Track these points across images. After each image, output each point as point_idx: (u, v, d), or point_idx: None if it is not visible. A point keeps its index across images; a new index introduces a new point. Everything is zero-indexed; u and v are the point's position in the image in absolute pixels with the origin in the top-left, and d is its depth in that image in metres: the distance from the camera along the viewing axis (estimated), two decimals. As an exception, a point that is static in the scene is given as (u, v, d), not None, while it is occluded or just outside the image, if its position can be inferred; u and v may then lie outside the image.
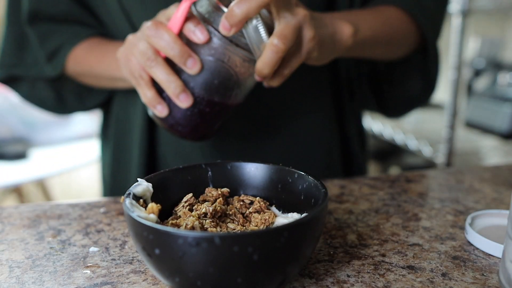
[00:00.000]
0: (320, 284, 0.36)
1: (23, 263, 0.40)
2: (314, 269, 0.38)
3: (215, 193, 0.42)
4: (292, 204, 0.40)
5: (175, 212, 0.40)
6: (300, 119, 0.65)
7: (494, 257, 0.40)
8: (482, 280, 0.36)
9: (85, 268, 0.39)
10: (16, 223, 0.48)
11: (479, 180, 0.61)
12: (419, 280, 0.36)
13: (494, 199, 0.54)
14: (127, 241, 0.44)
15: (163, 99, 0.47)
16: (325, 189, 0.36)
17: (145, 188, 0.38)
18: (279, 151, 0.64)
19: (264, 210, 0.40)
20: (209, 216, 0.38)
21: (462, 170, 0.67)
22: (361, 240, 0.43)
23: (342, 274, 0.37)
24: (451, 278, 0.36)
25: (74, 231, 0.46)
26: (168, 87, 0.45)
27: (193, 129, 0.49)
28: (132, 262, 0.40)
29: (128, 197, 0.35)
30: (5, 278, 0.37)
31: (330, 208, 0.51)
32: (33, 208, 0.52)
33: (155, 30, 0.44)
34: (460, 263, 0.39)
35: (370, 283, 0.36)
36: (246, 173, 0.43)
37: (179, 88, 0.45)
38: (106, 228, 0.47)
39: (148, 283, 0.36)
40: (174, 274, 0.30)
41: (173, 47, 0.43)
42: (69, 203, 0.54)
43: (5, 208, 0.53)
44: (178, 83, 0.45)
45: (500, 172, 0.65)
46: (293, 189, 0.40)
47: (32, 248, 0.42)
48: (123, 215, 0.50)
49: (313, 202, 0.38)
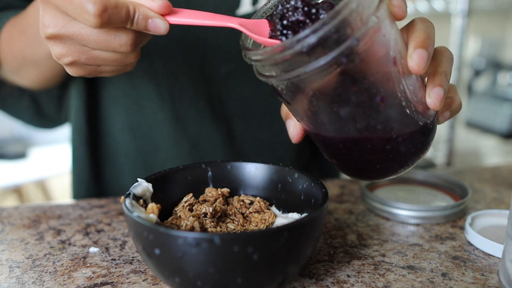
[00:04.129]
0: (320, 284, 0.36)
1: (23, 263, 0.40)
2: (314, 269, 0.38)
3: (215, 193, 0.42)
4: (292, 204, 0.40)
5: (175, 212, 0.40)
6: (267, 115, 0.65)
7: (494, 257, 0.40)
8: (482, 280, 0.36)
9: (85, 268, 0.39)
10: (16, 223, 0.48)
11: (479, 180, 0.61)
12: (419, 280, 0.36)
13: (494, 199, 0.54)
14: (127, 241, 0.44)
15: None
16: (325, 189, 0.36)
17: (145, 188, 0.38)
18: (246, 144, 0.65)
19: (264, 210, 0.40)
20: (209, 216, 0.38)
21: (462, 170, 0.67)
22: (361, 240, 0.43)
23: (342, 274, 0.37)
24: (451, 278, 0.36)
25: (74, 231, 0.46)
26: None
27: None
28: (132, 262, 0.40)
29: (128, 197, 0.35)
30: (5, 278, 0.37)
31: (330, 208, 0.51)
32: (33, 208, 0.52)
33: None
34: (460, 263, 0.39)
35: (370, 283, 0.36)
36: (246, 173, 0.43)
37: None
38: (106, 228, 0.47)
39: (148, 283, 0.36)
40: (174, 274, 0.30)
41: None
42: (69, 203, 0.54)
43: (5, 208, 0.53)
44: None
45: (500, 172, 0.65)
46: (293, 189, 0.40)
47: (32, 248, 0.42)
48: (123, 215, 0.50)
49: (313, 202, 0.38)
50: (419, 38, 0.36)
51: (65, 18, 0.36)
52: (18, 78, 0.58)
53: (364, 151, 0.38)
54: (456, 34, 1.40)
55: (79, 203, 0.54)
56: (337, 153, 0.40)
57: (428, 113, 0.39)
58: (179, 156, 0.62)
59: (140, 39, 0.38)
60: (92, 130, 0.63)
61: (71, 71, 0.41)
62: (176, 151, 0.62)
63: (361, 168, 0.41)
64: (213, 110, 0.62)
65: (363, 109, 0.36)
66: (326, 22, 0.30)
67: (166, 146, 0.62)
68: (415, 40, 0.36)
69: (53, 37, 0.37)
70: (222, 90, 0.62)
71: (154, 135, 0.62)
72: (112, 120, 0.63)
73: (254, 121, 0.65)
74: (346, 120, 0.37)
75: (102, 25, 0.34)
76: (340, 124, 0.37)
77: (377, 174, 0.41)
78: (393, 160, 0.40)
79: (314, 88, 0.35)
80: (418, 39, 0.36)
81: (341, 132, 0.38)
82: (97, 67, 0.40)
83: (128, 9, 0.35)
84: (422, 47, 0.35)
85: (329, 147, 0.40)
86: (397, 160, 0.40)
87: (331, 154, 0.41)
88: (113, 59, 0.39)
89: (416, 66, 0.34)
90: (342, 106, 0.36)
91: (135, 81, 0.60)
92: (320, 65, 0.31)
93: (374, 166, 0.40)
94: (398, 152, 0.39)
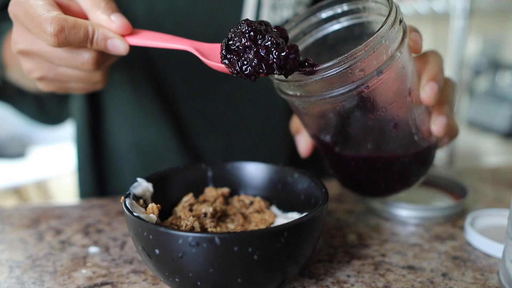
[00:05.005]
0: (320, 284, 0.36)
1: (23, 263, 0.40)
2: (314, 269, 0.38)
3: (215, 193, 0.42)
4: (292, 204, 0.40)
5: (175, 212, 0.40)
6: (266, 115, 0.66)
7: (494, 257, 0.40)
8: (482, 280, 0.36)
9: (85, 268, 0.39)
10: (16, 223, 0.48)
11: (479, 180, 0.61)
12: (419, 280, 0.36)
13: (494, 199, 0.54)
14: (127, 241, 0.44)
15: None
16: (325, 189, 0.36)
17: (145, 188, 0.38)
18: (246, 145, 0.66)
19: (264, 210, 0.40)
20: (209, 216, 0.37)
21: (462, 170, 0.67)
22: (361, 240, 0.43)
23: (342, 274, 0.37)
24: (451, 278, 0.36)
25: (74, 231, 0.46)
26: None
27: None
28: (132, 262, 0.40)
29: (128, 197, 0.35)
30: (5, 278, 0.37)
31: (330, 208, 0.51)
32: (33, 208, 0.52)
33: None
34: (460, 263, 0.39)
35: (370, 283, 0.36)
36: (246, 173, 0.43)
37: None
38: (106, 228, 0.47)
39: (148, 283, 0.36)
40: (174, 274, 0.30)
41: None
42: (69, 203, 0.54)
43: (5, 208, 0.53)
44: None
45: (500, 172, 0.65)
46: (293, 189, 0.40)
47: (32, 248, 0.42)
48: (123, 215, 0.50)
49: (313, 202, 0.38)
50: (432, 71, 0.39)
51: (32, 35, 0.37)
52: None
53: (373, 170, 0.41)
54: (456, 34, 1.40)
55: (79, 203, 0.54)
56: (346, 170, 0.43)
57: (430, 139, 0.42)
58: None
59: (104, 58, 0.39)
60: (95, 147, 0.65)
61: (41, 86, 0.42)
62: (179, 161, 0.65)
63: (366, 186, 0.44)
64: (212, 124, 0.64)
65: (377, 133, 0.38)
66: (355, 52, 0.32)
67: (170, 159, 0.64)
68: (428, 73, 0.38)
69: (22, 52, 0.39)
70: (222, 106, 0.64)
71: (159, 149, 0.64)
72: (116, 136, 0.64)
73: (252, 134, 0.66)
74: (360, 141, 0.40)
75: (59, 45, 0.35)
76: (353, 144, 0.40)
77: (380, 192, 0.45)
78: (397, 180, 0.43)
79: (334, 110, 0.37)
80: (432, 72, 0.39)
81: (354, 151, 0.41)
82: (66, 83, 0.42)
83: (87, 30, 0.36)
84: (435, 80, 0.38)
85: (339, 164, 0.43)
86: (400, 180, 0.43)
87: (340, 170, 0.44)
88: (78, 77, 0.40)
89: (428, 98, 0.38)
90: (358, 129, 0.38)
91: (140, 98, 0.62)
92: (345, 91, 0.34)
93: (379, 184, 0.43)
94: (403, 173, 0.42)
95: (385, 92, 0.36)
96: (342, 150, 0.41)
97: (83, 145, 0.64)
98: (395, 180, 0.43)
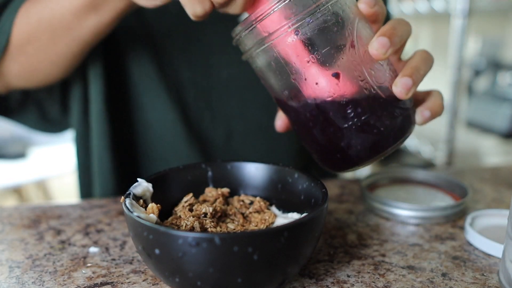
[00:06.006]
0: (320, 284, 0.36)
1: (23, 263, 0.40)
2: (314, 269, 0.38)
3: (215, 193, 0.42)
4: (292, 204, 0.40)
5: (175, 212, 0.40)
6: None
7: (494, 257, 0.40)
8: (482, 280, 0.36)
9: (85, 268, 0.39)
10: (16, 223, 0.48)
11: (479, 180, 0.61)
12: (419, 280, 0.36)
13: (494, 199, 0.54)
14: (127, 241, 0.44)
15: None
16: (325, 189, 0.36)
17: (145, 188, 0.38)
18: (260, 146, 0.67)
19: (264, 210, 0.40)
20: (209, 216, 0.37)
21: (462, 170, 0.67)
22: (361, 240, 0.43)
23: (342, 274, 0.37)
24: (451, 278, 0.36)
25: (74, 231, 0.46)
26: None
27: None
28: (132, 262, 0.40)
29: (128, 197, 0.35)
30: (5, 278, 0.37)
31: (330, 208, 0.51)
32: (33, 208, 0.52)
33: None
34: (460, 263, 0.39)
35: (370, 283, 0.36)
36: (246, 173, 0.43)
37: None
38: (106, 228, 0.47)
39: (148, 283, 0.36)
40: (174, 274, 0.30)
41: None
42: (69, 203, 0.54)
43: (5, 208, 0.53)
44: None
45: (500, 172, 0.65)
46: (293, 189, 0.40)
47: (32, 248, 0.42)
48: (123, 215, 0.50)
49: (313, 202, 0.38)
50: (384, 28, 0.38)
51: None
52: (20, 65, 0.54)
53: (327, 123, 0.38)
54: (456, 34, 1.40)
55: (79, 203, 0.54)
56: (307, 130, 0.40)
57: (400, 104, 0.39)
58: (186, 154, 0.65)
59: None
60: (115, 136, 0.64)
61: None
62: (187, 151, 0.65)
63: (333, 147, 0.40)
64: (213, 111, 0.65)
65: (318, 79, 0.38)
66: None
67: (175, 146, 0.64)
68: (380, 30, 0.37)
69: None
70: (223, 92, 0.64)
71: (164, 134, 0.64)
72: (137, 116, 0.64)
73: (253, 122, 0.66)
74: (308, 88, 0.38)
75: None
76: (301, 94, 0.39)
77: (352, 158, 0.39)
78: (363, 139, 0.38)
79: (277, 60, 0.37)
80: (384, 29, 0.37)
81: (303, 100, 0.39)
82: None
83: None
84: (385, 35, 0.36)
85: (300, 124, 0.41)
86: (366, 140, 0.38)
87: (303, 132, 0.42)
88: None
89: (375, 50, 0.36)
90: (299, 76, 0.38)
91: (145, 84, 0.62)
92: (280, 31, 0.36)
93: (338, 146, 0.39)
94: (365, 128, 0.38)
95: (318, 37, 0.36)
96: (296, 103, 0.39)
97: (102, 136, 0.62)
98: (361, 139, 0.38)
